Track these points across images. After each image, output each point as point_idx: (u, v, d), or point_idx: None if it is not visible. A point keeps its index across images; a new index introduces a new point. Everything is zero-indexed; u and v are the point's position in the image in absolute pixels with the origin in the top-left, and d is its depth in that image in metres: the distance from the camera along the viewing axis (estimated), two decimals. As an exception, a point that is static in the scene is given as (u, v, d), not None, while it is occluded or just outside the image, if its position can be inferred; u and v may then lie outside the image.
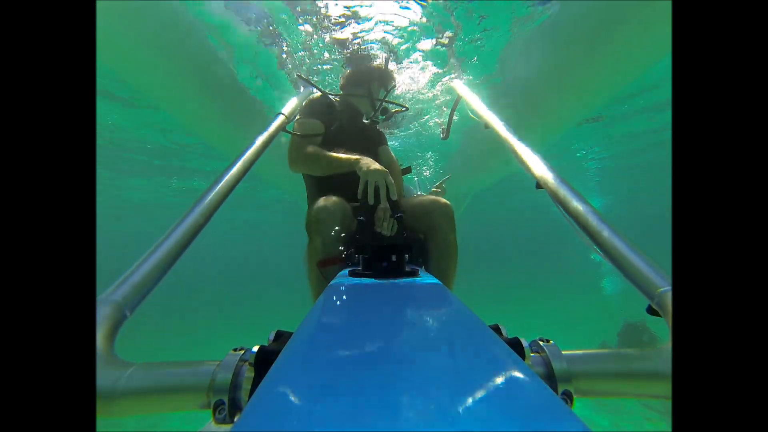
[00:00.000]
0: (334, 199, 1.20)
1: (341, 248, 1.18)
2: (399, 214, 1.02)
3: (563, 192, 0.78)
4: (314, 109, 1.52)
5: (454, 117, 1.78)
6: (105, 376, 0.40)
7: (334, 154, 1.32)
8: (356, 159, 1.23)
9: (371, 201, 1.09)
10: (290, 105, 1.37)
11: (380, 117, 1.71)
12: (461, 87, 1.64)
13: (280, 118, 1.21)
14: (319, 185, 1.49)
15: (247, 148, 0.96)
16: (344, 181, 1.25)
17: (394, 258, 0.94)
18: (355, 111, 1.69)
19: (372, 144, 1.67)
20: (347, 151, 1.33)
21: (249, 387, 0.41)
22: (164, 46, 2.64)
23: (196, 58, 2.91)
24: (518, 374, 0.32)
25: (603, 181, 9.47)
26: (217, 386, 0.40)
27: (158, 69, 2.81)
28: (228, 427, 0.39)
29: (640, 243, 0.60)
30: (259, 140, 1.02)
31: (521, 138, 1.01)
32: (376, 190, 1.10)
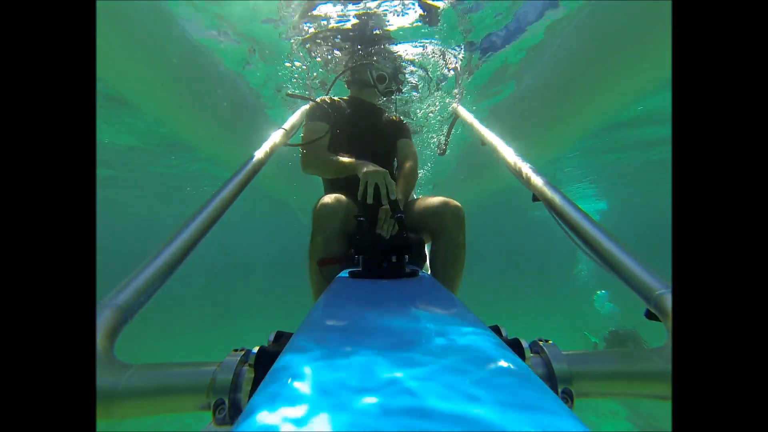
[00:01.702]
0: (338, 196, 1.21)
1: (343, 248, 1.18)
2: (399, 215, 1.02)
3: (559, 202, 0.80)
4: (317, 113, 1.53)
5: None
6: (105, 379, 0.40)
7: (339, 159, 1.34)
8: (357, 163, 1.25)
9: (369, 200, 1.09)
10: (291, 120, 1.41)
11: (392, 86, 1.72)
12: (458, 107, 1.70)
13: (281, 132, 1.25)
14: (331, 185, 1.51)
15: (249, 161, 0.99)
16: (355, 181, 1.26)
17: (394, 259, 0.94)
18: (367, 107, 1.69)
19: (388, 138, 1.65)
20: (359, 149, 1.34)
21: (249, 388, 0.41)
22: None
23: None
24: (518, 375, 0.32)
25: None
26: (217, 387, 0.40)
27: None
28: (228, 428, 0.39)
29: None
30: (261, 153, 1.06)
31: (518, 153, 1.05)
32: (377, 190, 1.10)
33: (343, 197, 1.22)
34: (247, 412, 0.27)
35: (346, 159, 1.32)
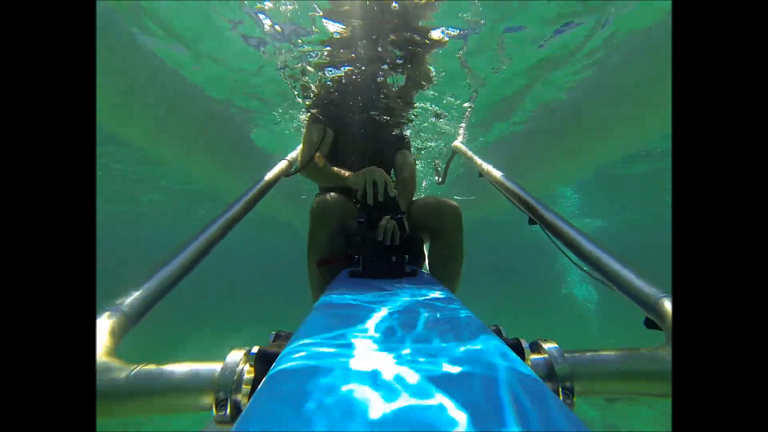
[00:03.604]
0: (335, 194, 1.21)
1: (342, 246, 1.18)
2: (399, 216, 1.02)
3: (554, 223, 0.84)
4: (317, 117, 1.56)
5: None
6: (107, 378, 0.40)
7: (333, 170, 1.38)
8: (350, 174, 1.26)
9: (369, 198, 1.09)
10: (294, 153, 1.54)
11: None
12: (458, 143, 1.88)
13: (284, 163, 1.37)
14: (326, 188, 1.52)
15: (254, 186, 1.09)
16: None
17: (393, 258, 0.94)
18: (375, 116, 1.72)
19: (388, 147, 1.68)
20: (361, 155, 1.38)
21: (250, 387, 0.41)
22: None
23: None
24: (518, 375, 0.32)
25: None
26: (218, 387, 0.41)
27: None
28: (229, 427, 0.39)
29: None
30: (266, 179, 1.17)
31: (513, 180, 1.14)
32: (376, 188, 1.10)
33: (341, 195, 1.22)
34: (248, 412, 0.27)
35: (341, 170, 1.34)
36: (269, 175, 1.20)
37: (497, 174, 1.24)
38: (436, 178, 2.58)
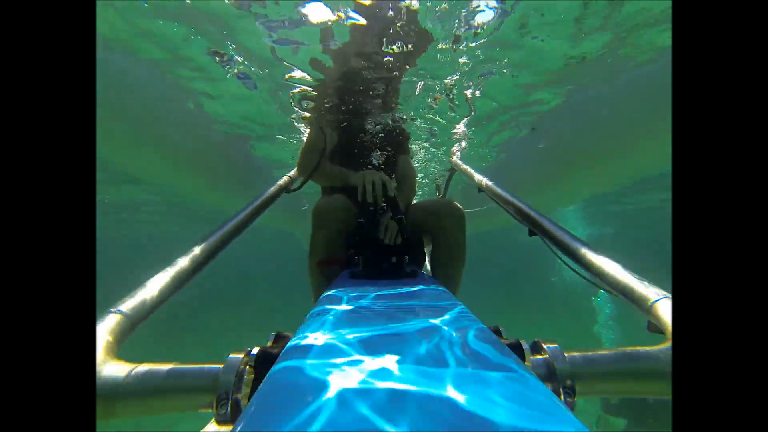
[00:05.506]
0: (337, 196, 1.22)
1: (343, 247, 1.18)
2: (399, 216, 1.02)
3: (554, 233, 0.87)
4: (316, 123, 1.58)
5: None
6: (109, 378, 0.40)
7: (335, 169, 1.40)
8: (351, 174, 1.28)
9: (369, 198, 1.09)
10: (294, 171, 1.62)
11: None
12: (456, 160, 1.97)
13: (285, 179, 1.45)
14: (330, 189, 1.54)
15: (257, 198, 1.18)
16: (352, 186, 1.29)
17: (393, 259, 0.94)
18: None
19: (391, 152, 1.71)
20: (362, 159, 1.41)
21: (250, 388, 0.42)
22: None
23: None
24: (517, 375, 0.32)
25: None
26: (218, 387, 0.41)
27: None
28: (229, 427, 0.39)
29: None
30: (268, 193, 1.26)
31: (511, 193, 1.17)
32: (374, 187, 1.11)
33: (343, 197, 1.23)
34: (248, 412, 0.27)
35: (342, 169, 1.37)
36: (270, 190, 1.27)
37: (496, 188, 1.28)
38: (437, 194, 2.68)
